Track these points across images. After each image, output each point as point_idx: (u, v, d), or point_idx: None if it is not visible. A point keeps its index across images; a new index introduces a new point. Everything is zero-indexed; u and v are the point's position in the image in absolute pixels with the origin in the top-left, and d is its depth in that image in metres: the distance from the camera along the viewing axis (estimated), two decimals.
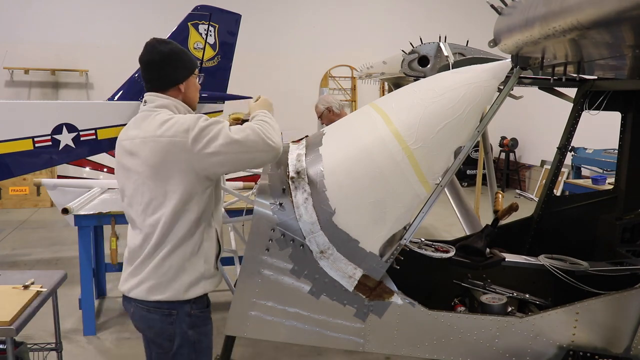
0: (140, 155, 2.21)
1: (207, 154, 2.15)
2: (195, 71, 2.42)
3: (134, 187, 2.26)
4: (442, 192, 2.50)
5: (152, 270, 2.25)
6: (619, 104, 3.59)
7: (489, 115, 2.53)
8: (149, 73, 2.34)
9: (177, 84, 2.34)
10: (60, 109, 6.57)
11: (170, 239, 2.23)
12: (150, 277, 2.25)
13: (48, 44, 10.21)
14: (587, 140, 7.50)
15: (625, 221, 3.43)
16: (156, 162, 2.18)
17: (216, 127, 2.18)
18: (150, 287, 2.25)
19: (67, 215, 4.40)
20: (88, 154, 6.52)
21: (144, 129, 2.24)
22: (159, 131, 2.18)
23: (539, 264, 3.06)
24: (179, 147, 2.15)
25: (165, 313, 2.26)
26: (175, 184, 2.18)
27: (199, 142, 2.14)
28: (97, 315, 4.90)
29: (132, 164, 2.25)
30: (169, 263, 2.24)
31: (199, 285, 2.30)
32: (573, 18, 1.59)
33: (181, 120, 2.20)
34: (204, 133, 2.15)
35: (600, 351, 2.53)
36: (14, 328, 2.50)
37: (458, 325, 2.50)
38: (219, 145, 2.14)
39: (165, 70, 2.32)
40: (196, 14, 7.18)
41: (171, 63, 2.32)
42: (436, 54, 4.34)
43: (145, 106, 2.33)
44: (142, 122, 2.28)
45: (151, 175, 2.20)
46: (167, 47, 2.32)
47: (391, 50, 5.78)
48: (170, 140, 2.15)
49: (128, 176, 2.28)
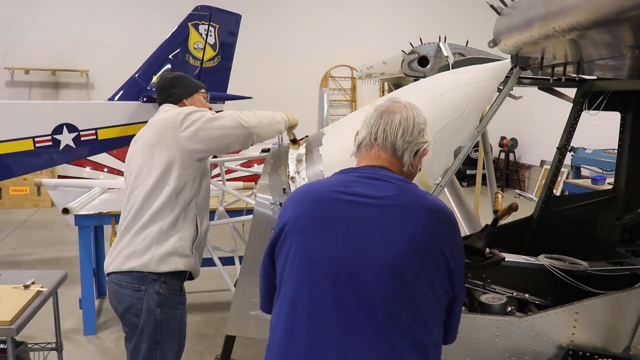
0: (142, 138, 2.66)
1: (190, 130, 2.55)
2: (201, 91, 2.90)
3: (133, 170, 2.61)
4: (442, 192, 2.51)
5: (129, 239, 2.49)
6: (618, 104, 3.59)
7: (489, 115, 2.53)
8: (160, 96, 2.85)
9: (182, 99, 2.82)
10: (60, 109, 6.57)
11: (149, 208, 2.49)
12: (127, 246, 2.49)
13: (48, 44, 10.21)
14: (586, 140, 7.50)
15: (624, 221, 3.43)
16: (151, 139, 2.59)
17: (201, 112, 2.63)
18: (125, 256, 2.47)
19: (67, 215, 4.41)
20: (88, 154, 6.51)
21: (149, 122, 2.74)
22: (159, 116, 2.70)
23: (538, 263, 3.06)
24: (170, 125, 2.57)
25: (135, 288, 2.45)
26: (159, 157, 2.52)
27: (185, 121, 2.57)
28: (98, 315, 4.90)
29: (136, 147, 2.66)
30: (145, 233, 2.47)
31: (170, 259, 2.48)
32: (573, 18, 1.60)
33: (177, 110, 2.69)
34: (190, 116, 2.59)
35: (599, 351, 2.53)
36: (14, 328, 2.50)
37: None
38: (200, 122, 2.57)
39: (171, 90, 2.83)
40: (196, 14, 7.18)
41: (174, 85, 2.84)
42: (436, 54, 4.34)
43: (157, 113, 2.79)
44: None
45: (145, 151, 2.58)
46: (172, 75, 2.93)
47: (391, 50, 5.78)
48: (164, 120, 2.62)
49: (130, 162, 2.65)
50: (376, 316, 1.51)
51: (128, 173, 2.66)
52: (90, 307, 4.56)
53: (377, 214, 1.59)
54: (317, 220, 1.63)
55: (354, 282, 1.54)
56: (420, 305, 1.55)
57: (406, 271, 1.54)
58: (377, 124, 1.74)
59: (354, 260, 1.55)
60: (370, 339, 1.50)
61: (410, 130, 1.72)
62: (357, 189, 1.64)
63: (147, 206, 2.50)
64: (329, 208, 1.63)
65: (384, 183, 1.66)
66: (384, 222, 1.58)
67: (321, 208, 1.64)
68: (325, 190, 1.68)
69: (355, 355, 1.50)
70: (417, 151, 1.75)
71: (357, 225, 1.59)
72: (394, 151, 1.72)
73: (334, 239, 1.59)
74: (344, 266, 1.56)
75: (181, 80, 2.88)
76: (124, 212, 2.60)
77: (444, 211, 1.65)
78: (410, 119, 1.73)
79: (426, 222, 1.59)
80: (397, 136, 1.71)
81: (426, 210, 1.61)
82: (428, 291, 1.56)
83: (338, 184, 1.68)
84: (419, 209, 1.61)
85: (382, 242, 1.56)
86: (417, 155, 1.76)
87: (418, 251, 1.55)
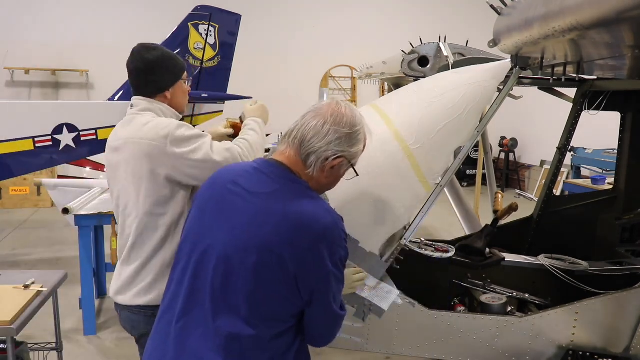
0: (123, 156, 2.25)
1: (183, 165, 2.18)
2: (183, 75, 2.42)
3: (118, 188, 2.30)
4: (442, 192, 2.51)
5: (133, 274, 2.27)
6: (618, 104, 3.59)
7: (489, 115, 2.53)
8: (135, 80, 2.35)
9: (163, 91, 2.35)
10: (60, 109, 6.58)
11: (147, 241, 2.24)
12: (133, 281, 2.27)
13: (48, 44, 10.21)
14: (586, 140, 7.50)
15: (624, 221, 3.43)
16: (134, 164, 2.20)
17: (199, 141, 2.20)
18: (134, 294, 2.27)
19: (67, 215, 4.41)
20: (88, 154, 6.52)
21: (128, 130, 2.27)
22: (140, 133, 2.21)
23: (538, 263, 3.06)
24: (157, 151, 2.17)
25: (148, 314, 2.24)
26: (149, 186, 2.20)
27: (177, 150, 2.17)
28: (98, 315, 4.90)
29: (115, 164, 2.30)
30: (149, 268, 2.25)
31: None
32: (573, 18, 1.60)
33: (162, 124, 2.21)
34: (184, 143, 2.17)
35: (599, 351, 2.53)
36: (14, 328, 2.50)
37: (458, 325, 2.50)
38: (197, 159, 2.18)
39: (150, 78, 2.32)
40: (196, 14, 7.19)
41: (156, 71, 2.32)
42: (436, 54, 4.34)
43: (131, 110, 2.35)
44: (127, 125, 2.30)
45: (130, 176, 2.22)
46: (153, 55, 2.31)
47: (391, 50, 5.78)
48: (149, 143, 2.17)
49: (114, 176, 2.32)
50: (210, 299, 1.65)
51: (115, 189, 2.33)
52: (90, 307, 4.56)
53: (242, 206, 1.67)
54: (208, 201, 1.77)
55: (203, 264, 1.68)
56: (244, 299, 1.62)
57: (239, 263, 1.63)
58: (298, 122, 1.77)
59: (208, 244, 1.68)
60: (201, 315, 1.66)
61: (322, 135, 1.70)
62: (241, 180, 1.73)
63: (145, 239, 2.25)
64: (218, 194, 1.75)
65: (267, 179, 1.71)
66: (243, 215, 1.66)
67: (213, 192, 1.78)
68: (225, 176, 1.80)
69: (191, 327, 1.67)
70: (327, 159, 1.71)
71: (225, 213, 1.69)
72: (298, 151, 1.73)
73: (207, 222, 1.73)
74: (201, 247, 1.70)
75: (165, 62, 2.34)
76: (121, 239, 2.34)
77: (310, 225, 1.63)
78: (328, 124, 1.70)
79: (275, 227, 1.62)
80: (306, 138, 1.71)
81: (282, 217, 1.63)
82: (260, 289, 1.62)
83: (235, 173, 1.78)
84: (277, 213, 1.64)
85: (231, 233, 1.66)
86: (327, 162, 1.72)
87: (255, 250, 1.61)
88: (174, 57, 2.42)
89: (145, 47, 2.35)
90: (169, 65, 2.36)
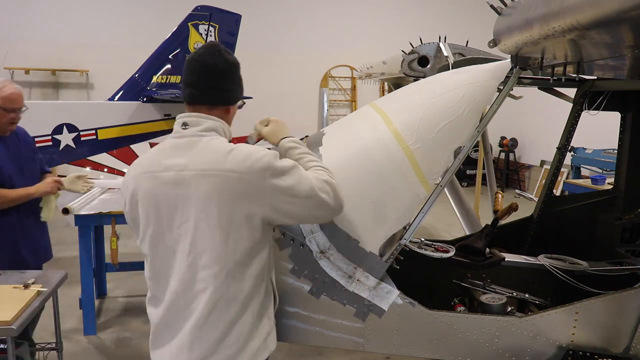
0: (194, 191, 1.80)
1: (285, 201, 1.81)
2: None
3: (180, 232, 1.83)
4: (442, 192, 2.51)
5: (214, 344, 1.85)
6: (618, 104, 3.59)
7: (489, 115, 2.53)
8: (203, 82, 1.90)
9: (231, 103, 1.97)
10: (60, 109, 6.59)
11: (233, 300, 1.85)
12: (213, 355, 1.85)
13: (49, 44, 10.22)
14: (586, 140, 7.50)
15: (624, 221, 3.43)
16: (221, 203, 1.78)
17: (297, 172, 1.85)
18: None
19: (67, 215, 4.41)
20: (88, 154, 6.53)
21: (196, 158, 1.82)
22: (225, 164, 1.79)
23: (538, 263, 3.06)
24: (254, 188, 1.78)
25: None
26: (241, 230, 1.81)
27: (279, 186, 1.80)
28: (98, 315, 4.90)
29: (180, 200, 1.82)
30: (237, 331, 1.86)
31: (264, 346, 1.96)
32: (573, 18, 1.60)
33: (254, 155, 1.81)
34: (285, 177, 1.81)
35: (599, 351, 2.53)
36: (14, 327, 2.50)
37: (458, 325, 2.50)
38: (302, 196, 1.82)
39: (225, 84, 1.93)
40: (196, 14, 7.19)
41: (233, 78, 1.96)
42: (436, 54, 4.35)
43: (187, 130, 1.88)
44: (189, 150, 1.85)
45: (210, 218, 1.79)
46: (233, 57, 1.95)
47: (391, 50, 5.79)
48: (243, 177, 1.78)
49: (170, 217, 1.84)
50: None
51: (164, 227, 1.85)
52: (90, 307, 4.56)
53: None
54: None
55: None
56: None
57: None
58: None
59: None
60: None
61: None
62: None
63: (230, 297, 1.84)
64: None
65: None
66: None
67: None
68: None
69: None
70: None
71: None
72: None
73: None
74: None
75: (239, 72, 1.98)
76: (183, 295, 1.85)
77: None
78: None
79: None
80: None
81: None
82: None
83: None
84: None
85: None
86: None
87: None
88: None
89: (223, 47, 1.97)
90: (241, 77, 2.01)
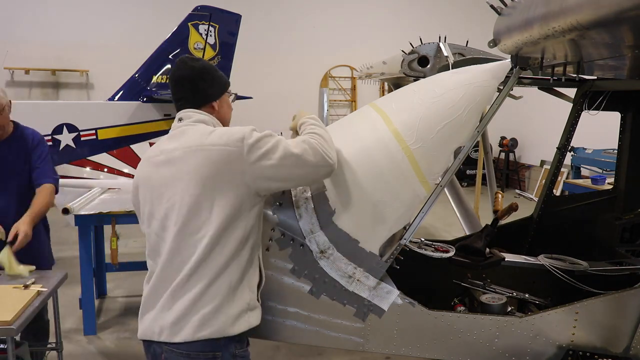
0: (182, 167, 2.02)
1: (264, 166, 2.00)
2: (229, 89, 2.31)
3: (169, 205, 2.03)
4: (442, 192, 2.51)
5: (192, 301, 1.98)
6: (618, 104, 3.59)
7: (489, 115, 2.53)
8: (180, 89, 2.20)
9: (210, 101, 2.20)
10: (60, 109, 6.58)
11: (213, 261, 1.99)
12: (190, 311, 1.98)
13: (49, 44, 10.22)
14: (586, 140, 7.50)
15: (624, 221, 3.44)
16: (204, 173, 1.99)
17: (273, 139, 2.05)
18: (195, 325, 1.97)
19: (67, 215, 4.41)
20: (88, 154, 6.53)
21: (184, 140, 2.07)
22: (207, 140, 2.03)
23: (538, 263, 3.06)
24: (233, 156, 1.99)
25: (209, 357, 2.00)
26: (223, 197, 1.99)
27: (255, 152, 2.00)
28: (98, 315, 4.90)
29: (168, 177, 2.05)
30: (213, 292, 1.99)
31: (244, 317, 2.06)
32: (572, 18, 1.60)
33: (232, 130, 2.05)
34: (260, 143, 2.01)
35: (599, 351, 2.53)
36: (14, 327, 2.50)
37: (458, 325, 2.50)
38: (277, 157, 2.01)
39: (199, 86, 2.18)
40: (196, 14, 7.19)
41: (204, 78, 2.19)
42: (436, 54, 4.35)
43: (181, 123, 2.16)
44: (181, 136, 2.11)
45: (195, 188, 1.99)
46: (199, 63, 2.21)
47: (391, 50, 5.79)
48: (223, 148, 2.00)
49: (160, 193, 2.06)
50: None
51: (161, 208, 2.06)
52: (90, 307, 4.56)
53: None
54: None
55: None
56: None
57: None
58: None
59: None
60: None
61: None
62: None
63: (211, 259, 1.99)
64: None
65: None
66: None
67: None
68: None
69: None
70: None
71: None
72: None
73: None
74: None
75: (211, 72, 2.22)
76: (170, 263, 2.03)
77: None
78: None
79: None
80: None
81: None
82: None
83: None
84: None
85: None
86: None
87: None
88: (217, 69, 2.31)
89: (190, 57, 2.25)
90: (216, 75, 2.25)
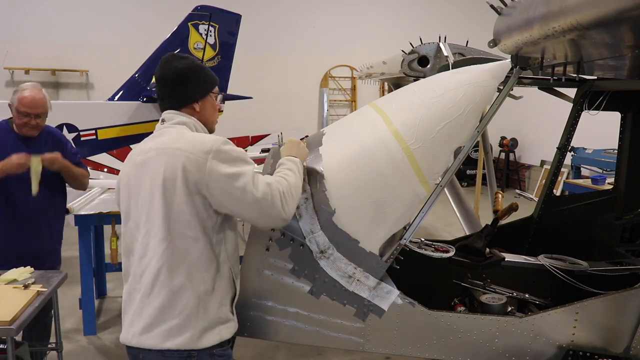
0: (152, 167, 2.01)
1: (220, 187, 1.95)
2: (214, 89, 2.25)
3: (142, 206, 2.04)
4: (442, 192, 2.51)
5: (159, 312, 1.97)
6: (618, 104, 3.59)
7: (489, 115, 2.53)
8: (162, 89, 2.18)
9: (191, 102, 2.16)
10: (60, 109, 6.55)
11: (175, 270, 1.97)
12: (158, 322, 1.97)
13: (48, 44, 10.22)
14: (586, 140, 7.51)
15: (624, 221, 3.44)
16: (166, 176, 1.97)
17: (243, 167, 1.99)
18: (161, 335, 1.97)
19: (67, 215, 4.41)
20: (88, 154, 6.53)
21: (160, 142, 2.07)
22: (175, 143, 2.01)
23: (538, 263, 3.06)
24: (194, 166, 1.95)
25: (184, 355, 1.99)
26: (182, 204, 1.96)
27: (218, 168, 1.95)
28: (98, 315, 4.90)
29: (142, 177, 2.04)
30: (181, 304, 1.97)
31: (214, 331, 2.04)
32: (573, 18, 1.60)
33: (206, 138, 2.02)
34: (228, 164, 1.97)
35: (599, 351, 2.53)
36: (14, 328, 2.50)
37: (458, 325, 2.50)
38: (236, 187, 1.95)
39: (179, 88, 2.15)
40: (196, 14, 7.20)
41: (186, 80, 2.15)
42: (436, 54, 4.35)
43: (162, 124, 2.16)
44: (158, 138, 2.11)
45: (159, 191, 1.98)
46: (182, 63, 2.15)
47: (391, 50, 5.79)
48: (187, 155, 1.96)
49: (136, 193, 2.07)
50: None
51: (135, 209, 2.08)
52: (90, 307, 4.56)
53: None
54: None
55: None
56: None
57: None
58: None
59: None
60: None
61: None
62: None
63: (172, 267, 1.96)
64: None
65: None
66: None
67: None
68: None
69: None
70: None
71: None
72: None
73: None
74: None
75: (195, 72, 2.16)
76: (139, 264, 2.02)
77: None
78: None
79: None
80: None
81: None
82: None
83: None
84: None
85: None
86: None
87: None
88: (205, 68, 2.25)
89: (175, 56, 2.20)
90: (200, 77, 2.19)
